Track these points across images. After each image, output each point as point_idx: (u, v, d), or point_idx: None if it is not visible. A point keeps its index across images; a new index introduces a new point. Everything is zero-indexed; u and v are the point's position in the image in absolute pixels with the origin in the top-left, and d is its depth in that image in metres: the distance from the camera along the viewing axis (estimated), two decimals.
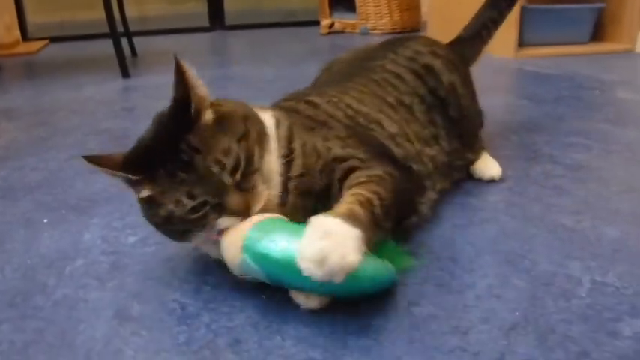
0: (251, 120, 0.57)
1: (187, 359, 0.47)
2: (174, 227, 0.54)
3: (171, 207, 0.52)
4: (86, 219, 0.77)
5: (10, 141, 1.18)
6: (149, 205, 0.54)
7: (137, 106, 1.49)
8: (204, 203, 0.52)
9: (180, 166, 0.52)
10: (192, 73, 0.54)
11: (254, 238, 0.50)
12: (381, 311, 0.52)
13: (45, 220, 0.76)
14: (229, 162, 0.52)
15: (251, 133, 0.56)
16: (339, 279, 0.45)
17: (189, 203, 0.52)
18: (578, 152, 0.95)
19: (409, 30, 2.89)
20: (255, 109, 0.61)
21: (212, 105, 0.56)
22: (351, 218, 0.49)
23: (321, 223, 0.48)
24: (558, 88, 1.48)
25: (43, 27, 3.15)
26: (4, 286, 0.59)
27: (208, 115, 0.55)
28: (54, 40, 3.00)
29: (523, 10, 1.93)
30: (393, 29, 2.87)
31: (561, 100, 1.35)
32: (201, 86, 0.55)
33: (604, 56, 1.97)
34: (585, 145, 0.99)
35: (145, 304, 0.55)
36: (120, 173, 0.53)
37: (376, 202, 0.53)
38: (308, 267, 0.45)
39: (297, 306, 0.53)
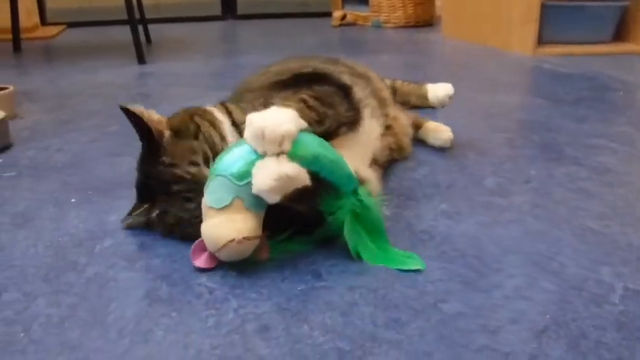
0: (198, 115, 0.67)
1: (217, 343, 0.47)
2: (187, 230, 0.62)
3: (175, 211, 0.62)
4: (111, 200, 0.77)
5: (35, 122, 1.19)
6: (160, 219, 0.64)
7: (154, 93, 1.49)
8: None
9: (169, 183, 0.61)
10: (140, 109, 0.63)
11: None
12: (408, 306, 0.52)
13: (73, 200, 0.77)
14: (199, 158, 0.61)
15: (202, 126, 0.64)
16: (286, 147, 0.54)
17: (191, 205, 0.60)
18: (603, 155, 0.94)
19: (422, 24, 2.86)
20: None
21: (168, 122, 0.66)
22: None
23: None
24: (579, 88, 1.45)
25: (61, 12, 3.18)
26: (37, 262, 0.61)
27: (167, 134, 0.64)
28: (71, 25, 3.02)
29: (544, 6, 1.89)
30: (407, 23, 2.83)
31: (582, 101, 1.33)
32: (153, 114, 0.65)
33: (627, 56, 1.93)
34: (610, 147, 0.98)
35: (173, 286, 0.56)
36: (138, 207, 0.65)
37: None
38: (254, 145, 0.55)
39: (321, 296, 0.53)
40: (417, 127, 1.00)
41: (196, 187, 0.59)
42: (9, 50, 2.18)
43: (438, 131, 0.97)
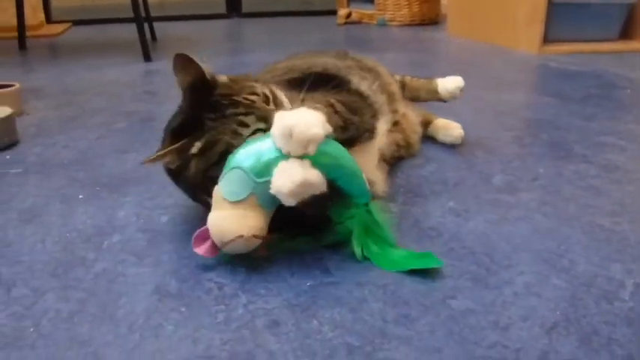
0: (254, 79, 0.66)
1: (227, 338, 0.47)
2: None
3: (227, 139, 0.57)
4: (119, 197, 0.77)
5: (41, 119, 1.20)
6: (204, 152, 0.58)
7: (160, 90, 1.49)
8: (256, 130, 0.57)
9: (223, 108, 0.58)
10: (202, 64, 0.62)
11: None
12: (417, 302, 0.52)
13: (80, 196, 0.77)
14: (259, 91, 0.60)
15: (258, 80, 0.64)
16: (311, 150, 0.52)
17: (245, 131, 0.57)
18: (612, 153, 0.93)
19: (428, 22, 2.85)
20: None
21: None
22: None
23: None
24: (586, 86, 1.45)
25: (66, 10, 3.20)
26: (46, 257, 0.61)
27: (223, 78, 0.63)
28: (76, 23, 3.03)
29: (550, 4, 1.88)
30: (412, 21, 2.84)
31: (589, 98, 1.32)
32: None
33: (634, 54, 1.92)
34: (618, 145, 0.97)
35: (183, 282, 0.56)
36: (173, 147, 0.59)
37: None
38: (279, 143, 0.53)
39: (330, 292, 0.53)
40: (427, 124, 1.00)
41: (254, 112, 0.57)
42: (15, 48, 2.19)
43: (449, 128, 0.97)
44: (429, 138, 1.00)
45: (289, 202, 0.53)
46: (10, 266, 0.59)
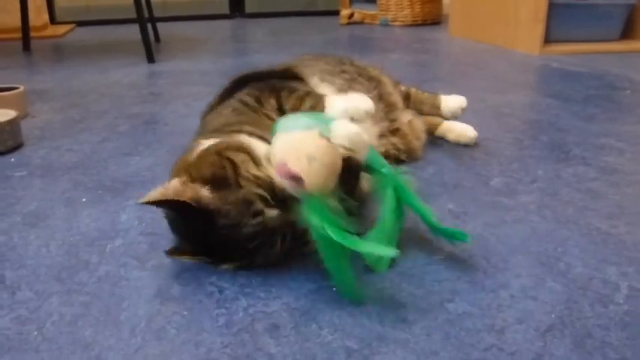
0: (229, 150, 0.58)
1: (227, 341, 0.48)
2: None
3: (265, 259, 0.57)
4: (122, 200, 0.79)
5: (46, 122, 1.21)
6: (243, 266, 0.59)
7: (164, 92, 1.50)
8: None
9: (243, 241, 0.55)
10: (160, 192, 0.54)
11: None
12: (415, 306, 0.53)
13: (83, 200, 0.79)
14: (259, 205, 0.54)
15: (238, 164, 0.56)
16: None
17: (277, 248, 0.56)
18: (611, 155, 0.94)
19: (430, 22, 2.86)
20: None
21: (194, 173, 0.56)
22: None
23: None
24: (587, 87, 1.45)
25: (70, 11, 3.22)
26: (50, 261, 0.62)
27: (206, 194, 0.55)
28: (80, 23, 3.05)
29: (551, 4, 1.88)
30: (414, 21, 2.85)
31: (590, 99, 1.32)
32: (175, 186, 0.55)
33: (635, 55, 1.92)
34: (618, 147, 0.98)
35: (184, 285, 0.57)
36: (203, 258, 0.58)
37: None
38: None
39: (330, 296, 0.54)
40: (435, 126, 1.02)
41: (274, 231, 0.55)
42: (19, 49, 2.20)
43: (462, 129, 1.00)
44: (436, 139, 1.01)
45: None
46: (15, 270, 0.60)
